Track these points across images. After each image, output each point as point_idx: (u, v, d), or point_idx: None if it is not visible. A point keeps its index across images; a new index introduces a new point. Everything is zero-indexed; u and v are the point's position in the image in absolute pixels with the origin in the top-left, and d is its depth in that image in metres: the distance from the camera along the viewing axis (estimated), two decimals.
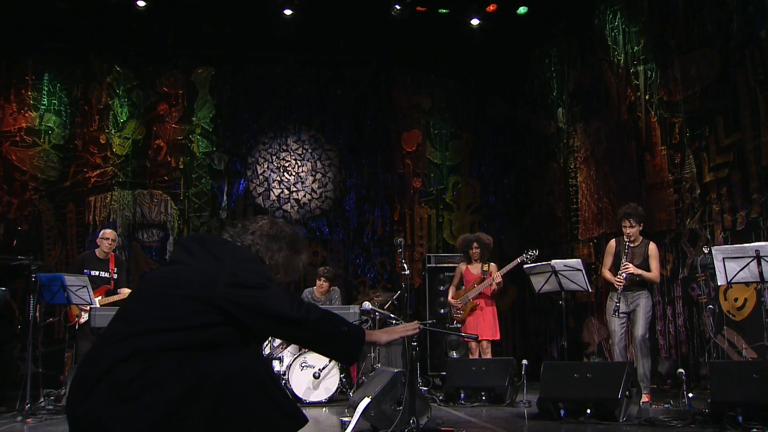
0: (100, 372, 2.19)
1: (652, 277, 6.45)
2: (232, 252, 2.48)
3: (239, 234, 2.61)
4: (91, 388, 2.18)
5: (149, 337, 2.25)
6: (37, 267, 6.78)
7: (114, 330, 2.36)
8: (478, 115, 11.68)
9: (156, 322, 2.28)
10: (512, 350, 10.74)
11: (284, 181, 10.99)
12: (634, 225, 6.47)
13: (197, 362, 2.22)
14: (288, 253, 2.64)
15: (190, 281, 2.36)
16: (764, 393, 4.53)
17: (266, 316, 2.34)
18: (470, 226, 11.10)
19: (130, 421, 2.10)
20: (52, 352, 8.68)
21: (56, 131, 10.29)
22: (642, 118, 8.48)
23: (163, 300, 2.34)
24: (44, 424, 5.56)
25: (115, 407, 2.12)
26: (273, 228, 2.65)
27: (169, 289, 2.36)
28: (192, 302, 2.31)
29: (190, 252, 2.48)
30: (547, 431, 4.71)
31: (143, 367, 2.18)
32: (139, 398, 2.12)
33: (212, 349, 2.29)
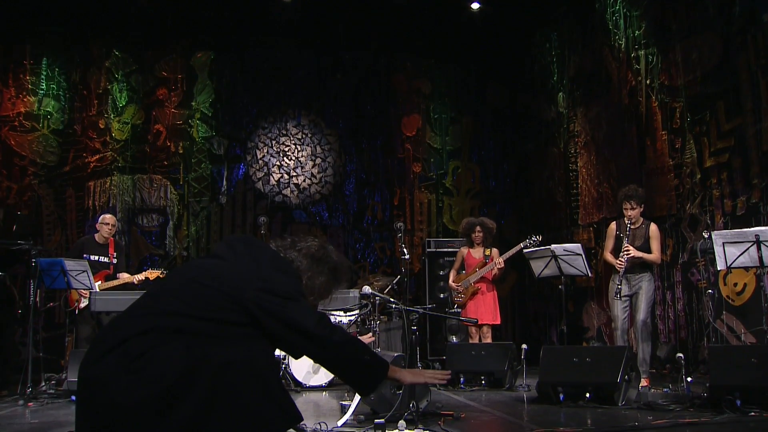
0: (116, 341, 2.24)
1: (652, 259, 6.41)
2: (273, 260, 2.50)
3: (286, 247, 2.65)
4: (104, 354, 2.23)
5: (169, 319, 2.29)
6: (37, 252, 6.79)
7: (140, 305, 2.43)
8: (478, 100, 11.65)
9: (181, 306, 2.32)
10: (512, 335, 10.77)
11: (284, 166, 10.97)
12: (635, 207, 6.42)
13: (204, 346, 2.24)
14: (327, 279, 2.66)
15: (225, 277, 2.39)
16: (762, 377, 4.55)
17: (289, 327, 2.35)
18: (470, 211, 11.11)
19: (130, 392, 2.14)
20: (53, 336, 8.69)
21: (55, 116, 10.26)
22: (643, 102, 8.45)
23: (194, 288, 2.37)
24: (46, 408, 5.58)
25: (120, 376, 2.16)
26: (320, 251, 2.68)
27: (203, 279, 2.39)
28: (221, 297, 2.34)
29: (233, 250, 2.51)
30: (547, 415, 4.73)
31: (155, 343, 2.22)
32: (143, 372, 2.17)
33: (224, 338, 2.31)
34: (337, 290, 2.76)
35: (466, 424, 4.27)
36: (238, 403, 2.20)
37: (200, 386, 2.17)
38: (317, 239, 2.78)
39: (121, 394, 2.14)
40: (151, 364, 2.18)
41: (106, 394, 2.16)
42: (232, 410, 2.19)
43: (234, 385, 2.21)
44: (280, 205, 10.86)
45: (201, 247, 10.55)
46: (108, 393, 2.15)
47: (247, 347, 2.31)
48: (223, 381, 2.20)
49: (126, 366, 2.18)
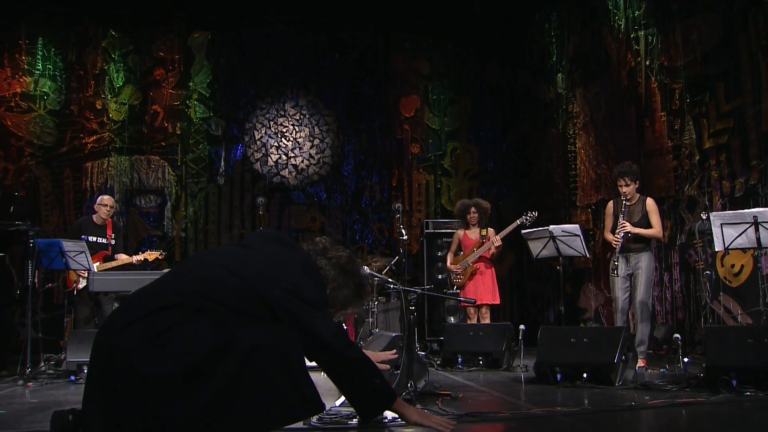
0: (140, 313, 2.26)
1: (653, 234, 6.33)
2: (304, 264, 2.50)
3: (317, 252, 2.63)
4: (127, 325, 2.24)
5: (195, 299, 2.30)
6: (35, 233, 6.77)
7: (166, 281, 2.45)
8: (476, 81, 11.59)
9: (206, 289, 2.33)
10: (509, 315, 10.80)
11: (282, 147, 10.94)
12: (629, 183, 6.35)
13: (231, 326, 2.26)
14: (350, 293, 2.65)
15: (254, 270, 2.40)
16: (759, 357, 4.56)
17: (307, 333, 2.36)
18: (468, 192, 11.10)
19: (154, 363, 2.15)
20: (52, 317, 8.71)
21: (51, 96, 10.20)
22: (642, 83, 8.42)
23: (221, 274, 2.38)
24: (45, 388, 5.60)
25: (144, 348, 2.17)
26: (349, 264, 2.66)
27: (232, 267, 2.40)
28: (246, 289, 2.35)
29: (266, 244, 2.52)
30: (544, 395, 4.75)
31: (181, 319, 2.23)
32: (169, 346, 2.18)
33: (250, 322, 2.32)
34: (357, 307, 2.77)
35: (464, 404, 4.29)
36: (262, 387, 2.21)
37: (226, 367, 2.18)
38: (348, 250, 2.75)
39: (144, 366, 2.14)
40: (177, 339, 2.19)
41: (128, 364, 2.16)
42: (256, 394, 2.19)
43: (260, 369, 2.21)
44: (278, 186, 10.84)
45: (199, 228, 10.55)
46: (130, 363, 2.16)
47: (276, 332, 2.32)
48: (250, 364, 2.20)
49: (151, 339, 2.18)
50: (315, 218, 10.88)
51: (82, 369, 6.04)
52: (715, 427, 3.69)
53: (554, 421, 3.79)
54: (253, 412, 2.19)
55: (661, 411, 4.06)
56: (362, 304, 2.78)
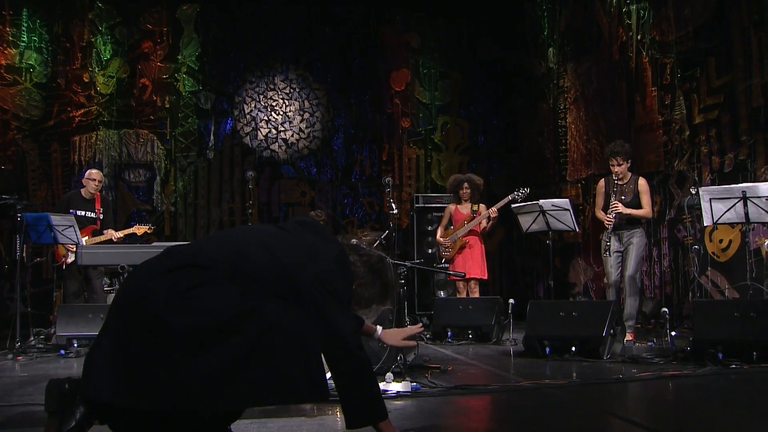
0: (176, 265, 2.30)
1: (642, 214, 6.36)
2: (336, 256, 2.51)
3: (351, 248, 2.66)
4: (162, 272, 2.29)
5: (228, 265, 2.32)
6: (22, 207, 6.72)
7: (204, 243, 2.49)
8: (467, 55, 11.53)
9: (240, 260, 2.35)
10: (499, 290, 10.86)
11: (272, 121, 10.88)
12: (621, 163, 6.34)
13: (258, 297, 2.28)
14: (376, 292, 2.66)
15: (289, 252, 2.41)
16: (744, 331, 4.62)
17: (326, 323, 2.37)
18: (459, 167, 11.08)
19: (180, 314, 2.18)
20: (41, 292, 8.70)
21: (38, 69, 10.08)
22: (633, 58, 8.40)
23: (258, 249, 2.40)
24: (35, 362, 5.61)
25: (174, 296, 2.21)
26: (380, 264, 2.68)
27: (270, 245, 2.42)
28: (279, 269, 2.37)
29: (303, 230, 2.54)
30: (533, 368, 4.79)
31: (212, 280, 2.27)
32: (197, 301, 2.21)
33: (275, 298, 2.34)
34: (379, 307, 2.78)
35: (453, 377, 4.32)
36: (275, 361, 2.22)
37: (246, 335, 2.20)
38: (380, 251, 2.78)
39: (170, 314, 2.18)
40: (206, 297, 2.23)
41: (155, 308, 2.19)
42: (268, 367, 2.21)
43: (278, 344, 2.23)
44: (268, 160, 10.79)
45: (188, 203, 10.51)
46: (157, 308, 2.19)
47: (299, 315, 2.33)
48: (269, 337, 2.22)
49: (181, 291, 2.22)
50: (305, 192, 10.86)
51: (71, 343, 6.05)
52: (701, 399, 3.74)
53: (543, 393, 3.83)
54: (260, 383, 2.20)
55: (648, 383, 4.11)
56: (386, 304, 2.80)
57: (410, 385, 3.70)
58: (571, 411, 3.40)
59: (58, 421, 2.25)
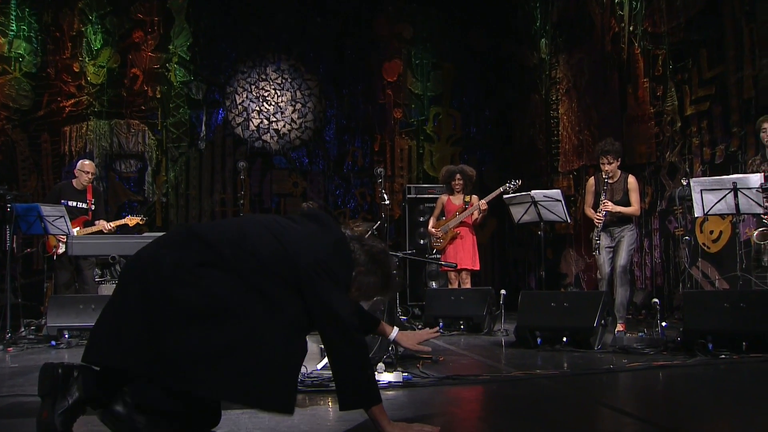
0: (179, 240, 2.39)
1: (631, 212, 6.38)
2: (337, 244, 2.55)
3: (354, 237, 2.68)
4: (166, 246, 2.38)
5: (229, 247, 2.37)
6: (12, 197, 6.68)
7: (203, 227, 2.52)
8: (460, 46, 11.51)
9: (242, 242, 2.39)
10: (491, 280, 10.88)
11: (263, 111, 10.84)
12: (612, 161, 6.36)
13: (257, 293, 2.34)
14: (377, 281, 2.67)
15: (293, 238, 2.46)
16: (734, 322, 4.65)
17: (324, 307, 2.40)
18: (451, 158, 11.09)
19: (183, 285, 2.26)
20: (31, 283, 8.66)
21: (27, 59, 10.00)
22: (625, 49, 8.40)
23: (260, 233, 2.44)
24: (26, 353, 5.59)
25: (180, 269, 2.29)
26: (381, 255, 2.69)
27: (275, 230, 2.47)
28: (282, 253, 2.41)
29: (309, 220, 2.60)
30: (524, 358, 4.81)
31: (215, 259, 2.33)
32: (201, 280, 2.29)
33: (268, 301, 2.36)
34: (380, 297, 2.82)
35: (445, 367, 4.33)
36: (257, 364, 2.26)
37: (238, 329, 2.26)
38: (384, 244, 2.81)
39: (174, 285, 2.26)
40: (211, 279, 2.29)
41: (160, 276, 2.27)
42: (248, 366, 2.25)
43: (264, 348, 2.28)
44: (259, 151, 10.76)
45: (180, 193, 10.48)
46: (162, 276, 2.27)
47: (291, 323, 2.38)
48: (258, 339, 2.28)
49: (187, 266, 2.30)
50: (297, 183, 10.84)
51: (62, 334, 6.03)
52: (691, 389, 3.76)
53: (534, 383, 3.84)
54: (237, 378, 2.24)
55: (639, 373, 4.13)
56: (387, 295, 2.82)
57: (401, 376, 3.71)
58: (562, 401, 3.41)
59: (51, 404, 2.26)
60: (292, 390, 2.36)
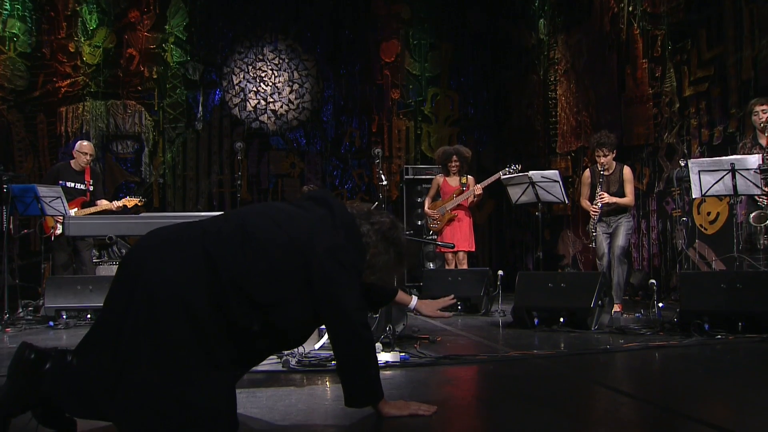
0: (174, 240, 2.33)
1: (626, 203, 6.42)
2: (348, 227, 2.48)
3: (362, 216, 2.60)
4: (174, 266, 2.26)
5: (232, 240, 2.31)
6: (8, 178, 6.66)
7: (213, 239, 2.41)
8: (458, 26, 11.44)
9: (243, 236, 2.32)
10: (488, 261, 10.91)
11: (261, 92, 10.79)
12: (607, 154, 6.39)
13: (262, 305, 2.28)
14: (390, 259, 2.61)
15: (302, 227, 2.39)
16: (730, 302, 4.67)
17: (330, 296, 2.34)
18: (448, 139, 11.06)
19: (171, 262, 2.23)
20: (29, 264, 8.65)
21: (22, 38, 9.92)
22: (624, 30, 8.35)
23: (263, 224, 2.37)
24: (23, 334, 5.60)
25: (180, 268, 2.23)
26: (391, 231, 2.63)
27: (276, 218, 2.40)
28: (285, 243, 2.33)
29: (316, 204, 2.52)
30: (521, 338, 4.83)
31: (218, 297, 2.24)
32: (184, 262, 2.24)
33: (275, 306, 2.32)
34: (396, 273, 2.76)
35: (442, 347, 4.35)
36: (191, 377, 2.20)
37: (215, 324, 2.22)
38: (390, 216, 2.73)
39: (159, 284, 2.20)
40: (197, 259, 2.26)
41: (150, 272, 2.22)
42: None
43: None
44: (257, 132, 10.73)
45: (177, 174, 10.45)
46: (152, 273, 2.22)
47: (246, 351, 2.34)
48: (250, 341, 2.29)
49: (174, 244, 2.29)
50: (294, 164, 10.81)
51: (60, 314, 6.04)
52: (687, 369, 3.78)
53: (531, 363, 3.86)
54: None
55: (635, 354, 4.15)
56: (401, 270, 2.76)
57: (399, 355, 3.72)
58: (558, 380, 3.43)
59: (8, 388, 2.20)
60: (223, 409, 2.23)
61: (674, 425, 2.51)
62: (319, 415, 2.65)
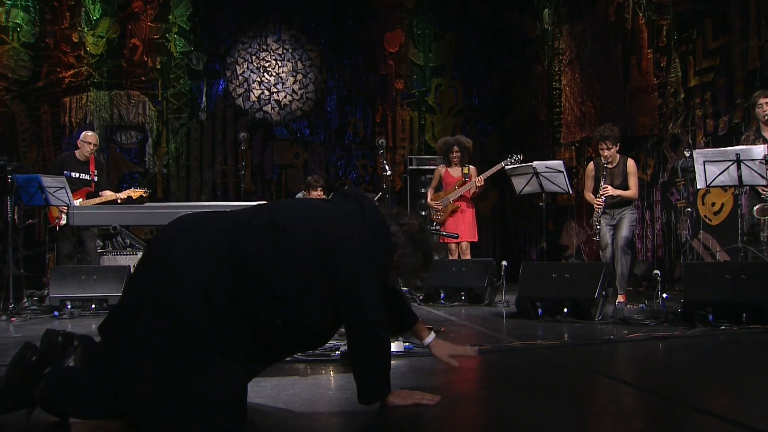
0: (199, 231, 2.33)
1: (630, 195, 6.41)
2: (378, 227, 2.49)
3: (391, 216, 2.62)
4: (203, 259, 2.26)
5: (262, 233, 2.31)
6: (13, 168, 6.67)
7: (247, 210, 2.48)
8: (462, 16, 11.40)
9: (272, 228, 2.33)
10: (492, 252, 10.90)
11: (264, 82, 10.78)
12: (610, 147, 6.38)
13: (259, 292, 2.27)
14: (417, 262, 2.63)
15: (327, 220, 2.41)
16: (734, 293, 4.66)
17: (351, 293, 2.35)
18: (452, 129, 11.04)
19: (192, 253, 2.24)
20: (34, 254, 8.67)
21: (25, 28, 9.91)
22: (629, 20, 8.31)
23: (294, 218, 2.38)
24: (29, 323, 5.62)
25: (203, 257, 2.24)
26: (420, 233, 2.64)
27: (307, 214, 2.42)
28: (314, 237, 2.34)
29: (348, 201, 2.53)
30: (525, 329, 4.83)
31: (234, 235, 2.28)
32: (210, 250, 2.25)
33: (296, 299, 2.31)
34: (422, 275, 2.76)
35: (446, 338, 4.34)
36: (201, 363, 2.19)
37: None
38: (418, 218, 2.75)
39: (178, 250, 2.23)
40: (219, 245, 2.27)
41: (169, 256, 2.23)
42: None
43: None
44: (260, 122, 10.72)
45: (181, 165, 10.46)
46: (175, 262, 2.22)
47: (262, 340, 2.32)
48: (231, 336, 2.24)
49: (195, 234, 2.30)
50: (298, 154, 10.81)
51: (65, 304, 6.06)
52: (691, 359, 3.78)
53: (534, 353, 3.86)
54: None
55: (639, 344, 4.15)
56: (427, 272, 2.78)
57: (403, 345, 3.72)
58: (562, 371, 3.43)
59: (4, 386, 2.20)
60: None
61: (677, 415, 2.51)
62: (323, 405, 2.66)
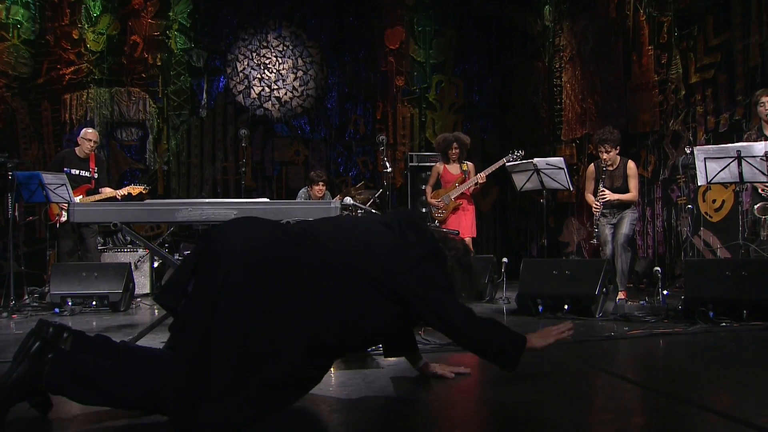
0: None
1: (630, 198, 6.41)
2: (435, 253, 2.60)
3: (441, 240, 2.74)
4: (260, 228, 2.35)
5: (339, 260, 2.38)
6: (13, 165, 6.67)
7: (294, 226, 2.54)
8: (463, 13, 11.39)
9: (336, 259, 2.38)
10: (492, 248, 10.90)
11: (265, 79, 10.77)
12: (609, 150, 6.37)
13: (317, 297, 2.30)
14: (464, 285, 2.79)
15: (387, 251, 2.47)
16: (735, 290, 4.66)
17: (441, 318, 2.52)
18: (453, 126, 11.03)
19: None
20: (35, 251, 8.68)
21: (25, 25, 9.89)
22: (630, 16, 8.30)
23: (363, 251, 2.42)
24: (29, 320, 5.63)
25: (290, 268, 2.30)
26: (465, 258, 2.82)
27: (373, 245, 2.46)
28: (376, 266, 2.41)
29: (407, 228, 2.60)
30: (525, 326, 4.82)
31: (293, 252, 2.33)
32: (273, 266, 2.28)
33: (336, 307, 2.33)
34: (465, 297, 2.87)
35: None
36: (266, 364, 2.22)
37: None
38: (463, 242, 2.94)
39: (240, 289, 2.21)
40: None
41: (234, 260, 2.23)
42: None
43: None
44: (261, 119, 10.71)
45: (181, 162, 10.45)
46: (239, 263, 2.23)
47: None
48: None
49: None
50: (299, 151, 10.80)
51: (66, 301, 6.07)
52: (691, 356, 3.78)
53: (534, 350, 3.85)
54: None
55: (640, 341, 4.15)
56: (472, 294, 2.93)
57: None
58: (563, 367, 3.43)
59: (11, 373, 2.21)
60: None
61: (678, 412, 2.51)
62: (324, 402, 2.66)
